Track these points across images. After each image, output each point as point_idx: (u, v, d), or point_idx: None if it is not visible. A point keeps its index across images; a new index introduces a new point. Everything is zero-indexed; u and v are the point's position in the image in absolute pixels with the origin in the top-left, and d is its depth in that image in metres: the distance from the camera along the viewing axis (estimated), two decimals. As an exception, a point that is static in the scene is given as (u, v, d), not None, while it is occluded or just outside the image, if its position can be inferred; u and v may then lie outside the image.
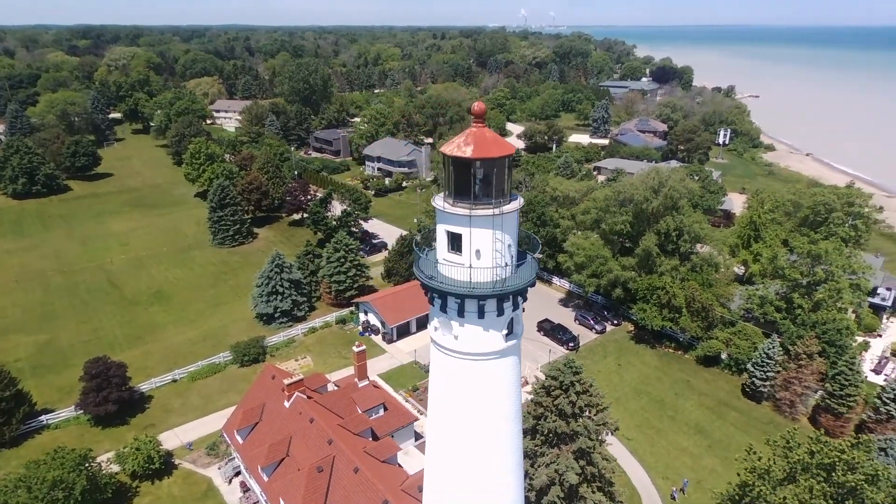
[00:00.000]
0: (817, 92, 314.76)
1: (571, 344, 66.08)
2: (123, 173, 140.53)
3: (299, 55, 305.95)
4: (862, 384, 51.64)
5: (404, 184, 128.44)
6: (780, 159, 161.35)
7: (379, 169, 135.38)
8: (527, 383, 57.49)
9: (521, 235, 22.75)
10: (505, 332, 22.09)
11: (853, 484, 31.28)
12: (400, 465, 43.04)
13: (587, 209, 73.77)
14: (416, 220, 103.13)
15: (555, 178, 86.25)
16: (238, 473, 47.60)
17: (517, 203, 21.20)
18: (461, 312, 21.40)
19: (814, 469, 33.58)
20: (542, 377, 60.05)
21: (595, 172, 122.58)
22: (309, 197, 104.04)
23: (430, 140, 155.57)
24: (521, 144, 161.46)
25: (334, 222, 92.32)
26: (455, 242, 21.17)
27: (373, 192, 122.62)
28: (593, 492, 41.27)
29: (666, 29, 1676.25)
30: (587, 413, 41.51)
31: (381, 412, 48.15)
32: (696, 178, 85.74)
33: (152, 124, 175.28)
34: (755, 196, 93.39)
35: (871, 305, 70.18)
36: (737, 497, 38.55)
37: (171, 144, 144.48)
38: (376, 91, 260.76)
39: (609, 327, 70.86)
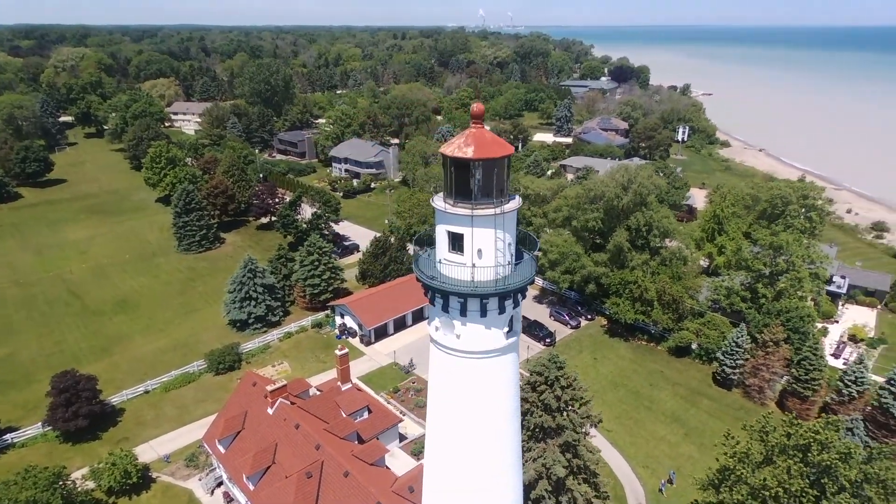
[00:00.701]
0: (766, 90, 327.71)
1: (548, 340, 67.10)
2: (78, 179, 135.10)
3: (258, 56, 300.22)
4: (825, 368, 54.22)
5: (373, 185, 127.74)
6: (736, 155, 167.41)
7: (346, 170, 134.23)
8: None
9: (519, 234, 23.08)
10: (506, 329, 22.39)
11: (828, 463, 32.90)
12: (387, 468, 42.96)
13: (559, 207, 75.03)
14: (387, 221, 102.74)
15: (526, 177, 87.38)
16: (220, 484, 46.59)
17: (516, 202, 21.53)
18: (464, 312, 21.56)
19: (790, 450, 35.14)
20: (523, 373, 60.83)
21: (562, 170, 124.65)
22: (277, 200, 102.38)
23: (396, 140, 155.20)
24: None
25: (304, 225, 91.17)
26: (456, 242, 21.33)
27: (341, 194, 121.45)
28: (579, 483, 42.12)
29: (620, 29, 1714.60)
30: (571, 407, 42.32)
31: (366, 415, 47.94)
32: (662, 174, 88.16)
33: (106, 128, 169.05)
34: (716, 191, 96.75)
35: (828, 293, 73.66)
36: (717, 481, 40.01)
37: (128, 148, 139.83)
38: (339, 92, 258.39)
39: (583, 322, 72.27)
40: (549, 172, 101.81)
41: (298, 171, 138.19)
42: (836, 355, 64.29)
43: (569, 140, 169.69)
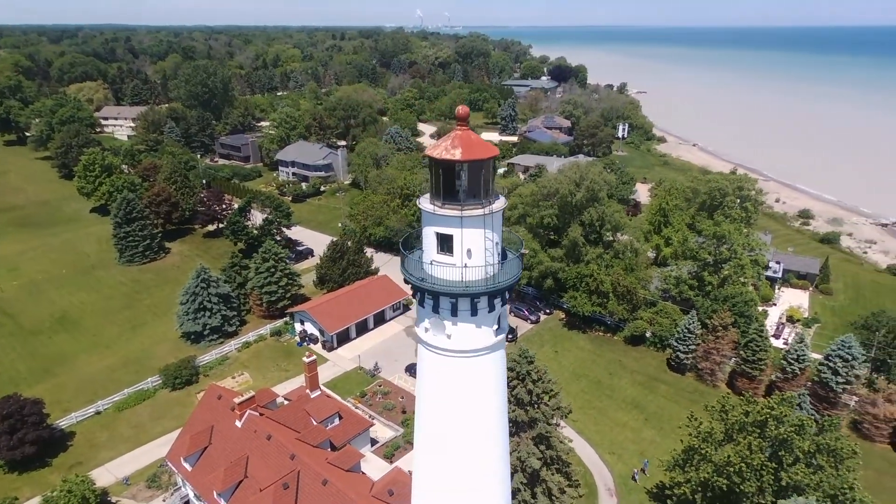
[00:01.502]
0: (695, 87, 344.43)
1: (510, 336, 68.23)
2: (1, 190, 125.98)
3: (191, 57, 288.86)
4: (770, 349, 57.81)
5: (322, 188, 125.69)
6: (672, 150, 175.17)
7: (294, 174, 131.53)
8: None
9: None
10: (495, 327, 22.82)
11: (784, 436, 35.25)
12: (363, 473, 42.65)
13: (514, 205, 76.35)
14: (340, 225, 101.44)
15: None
16: (186, 503, 44.86)
17: (502, 202, 21.97)
18: (454, 311, 21.80)
19: (749, 427, 37.40)
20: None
21: (512, 168, 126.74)
22: (224, 206, 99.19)
23: (343, 143, 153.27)
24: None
25: (255, 231, 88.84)
26: (445, 243, 21.54)
27: (290, 198, 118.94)
28: (553, 474, 43.20)
29: (556, 29, 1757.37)
30: (542, 400, 43.34)
31: (337, 421, 47.35)
32: (610, 170, 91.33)
33: (29, 135, 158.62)
34: (659, 185, 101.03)
35: (766, 278, 78.41)
36: (681, 462, 42.06)
37: (55, 156, 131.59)
38: (280, 93, 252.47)
39: (543, 317, 73.94)
40: (500, 171, 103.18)
41: (243, 176, 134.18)
42: (776, 336, 68.60)
43: (514, 139, 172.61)
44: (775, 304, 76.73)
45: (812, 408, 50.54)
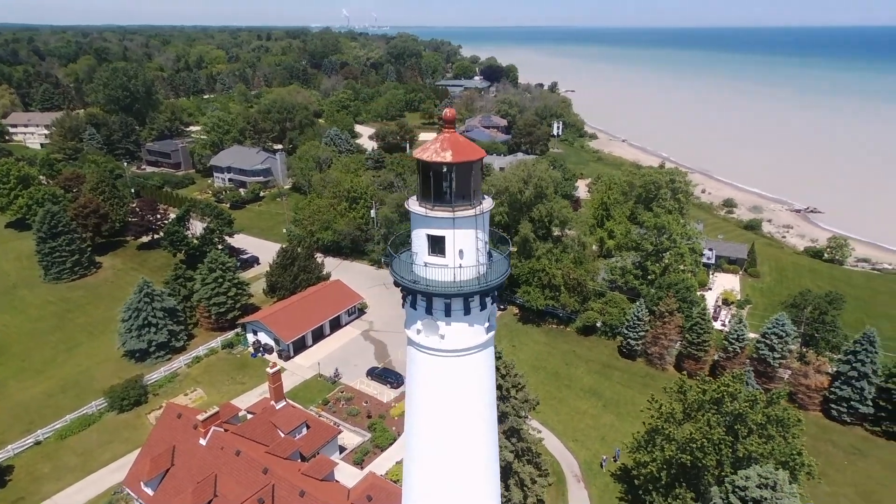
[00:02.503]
0: (621, 85, 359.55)
1: (468, 333, 68.95)
2: None
3: (105, 59, 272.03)
4: (713, 331, 61.61)
5: (262, 193, 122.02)
6: (604, 146, 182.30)
7: (230, 180, 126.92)
8: None
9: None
10: (486, 324, 23.29)
11: (739, 410, 37.79)
12: (337, 481, 42.10)
13: (464, 204, 77.14)
14: (285, 231, 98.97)
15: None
16: (149, 529, 42.57)
17: (490, 202, 22.43)
18: (448, 312, 22.07)
19: (707, 405, 39.83)
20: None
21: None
22: (159, 216, 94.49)
23: (280, 146, 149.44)
24: (373, 146, 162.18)
25: (196, 241, 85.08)
26: (437, 245, 21.75)
27: (228, 205, 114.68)
28: (524, 465, 44.27)
29: (484, 30, 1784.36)
30: (512, 394, 44.30)
31: (304, 431, 46.48)
32: (555, 167, 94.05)
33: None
34: (597, 181, 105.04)
35: (702, 265, 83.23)
36: (643, 442, 44.19)
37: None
38: (206, 96, 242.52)
39: (497, 313, 75.13)
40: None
41: (176, 184, 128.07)
42: (714, 318, 72.96)
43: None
44: (710, 289, 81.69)
45: (756, 383, 54.28)
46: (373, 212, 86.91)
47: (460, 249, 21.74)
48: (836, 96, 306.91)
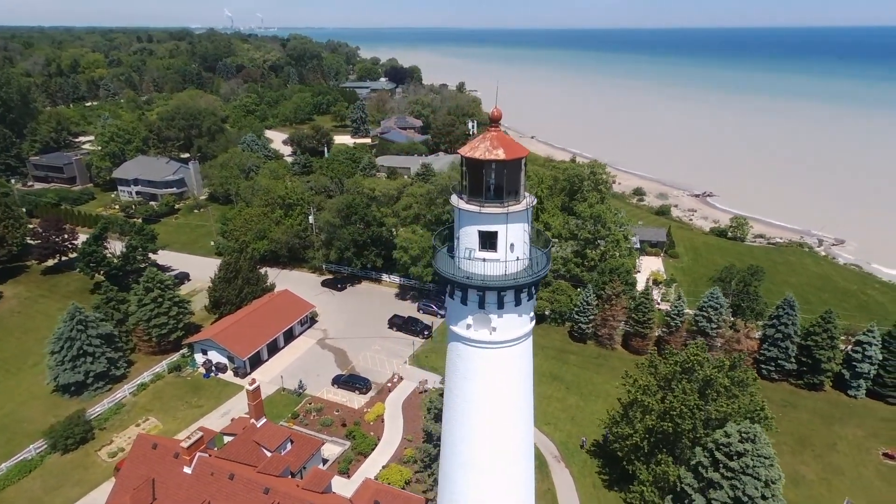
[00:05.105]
0: (520, 84, 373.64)
1: (427, 332, 69.62)
2: None
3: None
4: (656, 310, 66.72)
5: (177, 206, 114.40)
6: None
7: (138, 193, 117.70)
8: (424, 389, 59.21)
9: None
10: (532, 313, 24.30)
11: (710, 376, 41.66)
12: (335, 492, 41.24)
13: (408, 205, 77.57)
14: (213, 244, 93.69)
15: (366, 179, 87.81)
16: (129, 573, 39.18)
17: (532, 197, 23.45)
18: (501, 304, 22.83)
19: (678, 375, 43.44)
20: (410, 370, 62.77)
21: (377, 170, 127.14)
22: (66, 236, 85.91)
23: (187, 155, 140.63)
24: (288, 150, 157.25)
25: (117, 261, 78.45)
26: (489, 240, 22.41)
27: (140, 220, 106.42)
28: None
29: (379, 31, 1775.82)
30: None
31: (289, 446, 44.92)
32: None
33: None
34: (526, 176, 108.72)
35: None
36: (618, 417, 47.30)
37: None
38: (89, 104, 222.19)
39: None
40: (378, 172, 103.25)
41: (74, 200, 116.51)
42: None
43: (368, 140, 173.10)
44: (640, 272, 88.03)
45: (700, 352, 59.54)
46: (311, 218, 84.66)
47: (511, 243, 22.55)
48: (710, 91, 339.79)
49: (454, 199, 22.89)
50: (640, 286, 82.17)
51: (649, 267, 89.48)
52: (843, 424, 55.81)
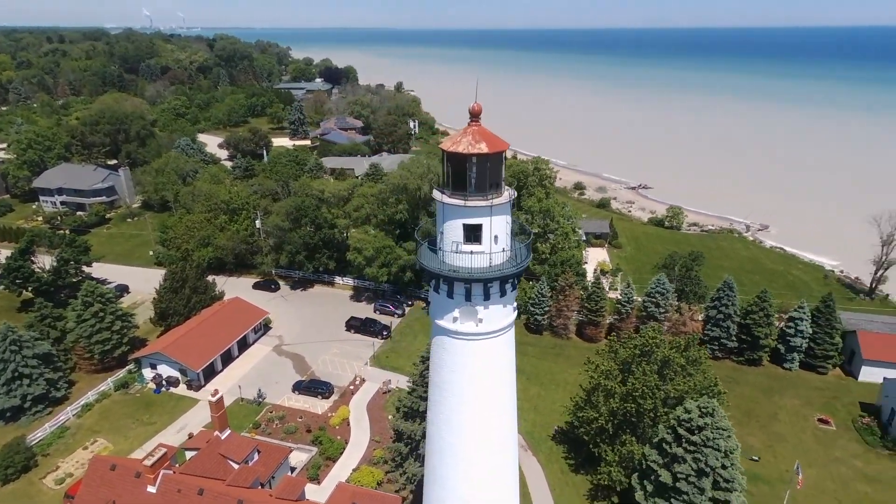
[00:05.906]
0: (452, 82, 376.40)
1: (385, 332, 69.21)
2: None
3: None
4: (607, 298, 69.24)
5: (108, 215, 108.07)
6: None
7: (63, 203, 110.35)
8: (388, 389, 58.91)
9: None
10: (514, 304, 24.84)
11: (668, 356, 43.80)
12: (308, 499, 40.45)
13: (359, 205, 76.85)
14: (152, 253, 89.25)
15: (314, 181, 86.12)
16: None
17: (513, 190, 23.97)
18: (487, 296, 23.23)
19: (637, 357, 45.42)
20: (372, 372, 62.49)
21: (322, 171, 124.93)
22: (-15, 252, 79.52)
23: (114, 161, 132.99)
24: (224, 154, 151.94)
25: (47, 275, 73.33)
26: (473, 233, 22.75)
27: (68, 232, 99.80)
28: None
29: (307, 31, 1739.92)
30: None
31: (256, 456, 43.64)
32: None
33: None
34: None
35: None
36: (582, 403, 48.91)
37: None
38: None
39: (407, 309, 76.21)
40: (326, 173, 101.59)
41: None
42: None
43: (307, 142, 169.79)
44: (587, 263, 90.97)
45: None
46: (258, 222, 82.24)
47: (495, 235, 22.99)
48: (639, 88, 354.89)
49: (437, 194, 23.09)
50: (589, 277, 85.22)
51: (595, 258, 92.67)
52: (782, 395, 60.06)
